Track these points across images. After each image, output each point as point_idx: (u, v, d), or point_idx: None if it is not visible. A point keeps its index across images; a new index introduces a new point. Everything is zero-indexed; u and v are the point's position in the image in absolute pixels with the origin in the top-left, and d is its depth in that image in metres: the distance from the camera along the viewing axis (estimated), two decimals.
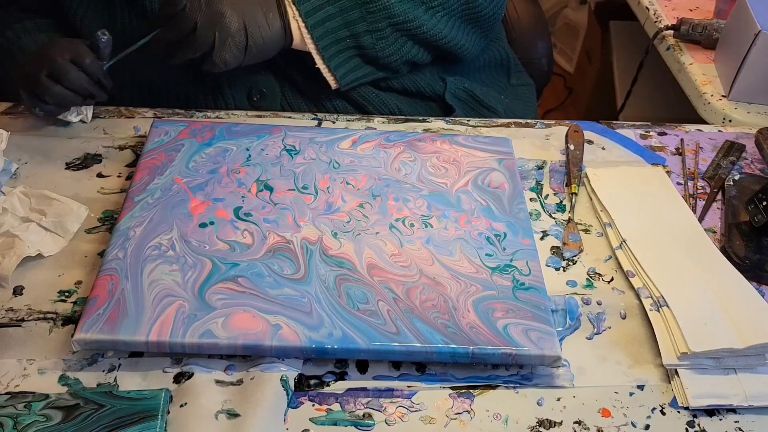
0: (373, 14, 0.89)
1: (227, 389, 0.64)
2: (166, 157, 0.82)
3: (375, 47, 0.90)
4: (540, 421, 0.64)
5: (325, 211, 0.78)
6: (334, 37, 0.89)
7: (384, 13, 0.89)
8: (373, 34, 0.90)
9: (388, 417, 0.64)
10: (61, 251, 0.76)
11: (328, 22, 0.87)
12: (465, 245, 0.75)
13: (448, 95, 1.00)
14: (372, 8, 0.88)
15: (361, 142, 0.87)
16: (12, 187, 0.80)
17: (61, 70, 0.83)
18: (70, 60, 0.84)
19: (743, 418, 0.66)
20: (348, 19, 0.88)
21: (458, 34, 0.96)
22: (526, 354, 0.65)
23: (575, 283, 0.76)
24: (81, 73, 0.84)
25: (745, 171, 0.93)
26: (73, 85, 0.84)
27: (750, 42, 1.07)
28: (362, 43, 0.90)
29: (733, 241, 0.81)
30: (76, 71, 0.84)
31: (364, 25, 0.89)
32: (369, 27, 0.89)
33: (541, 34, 1.28)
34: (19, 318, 0.69)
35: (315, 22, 0.87)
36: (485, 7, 0.96)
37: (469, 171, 0.84)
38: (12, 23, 0.93)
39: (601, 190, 0.86)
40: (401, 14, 0.90)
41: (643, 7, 1.40)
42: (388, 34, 0.90)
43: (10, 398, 0.62)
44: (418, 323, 0.67)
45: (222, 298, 0.68)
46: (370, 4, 0.88)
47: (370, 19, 0.89)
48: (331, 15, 0.88)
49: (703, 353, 0.67)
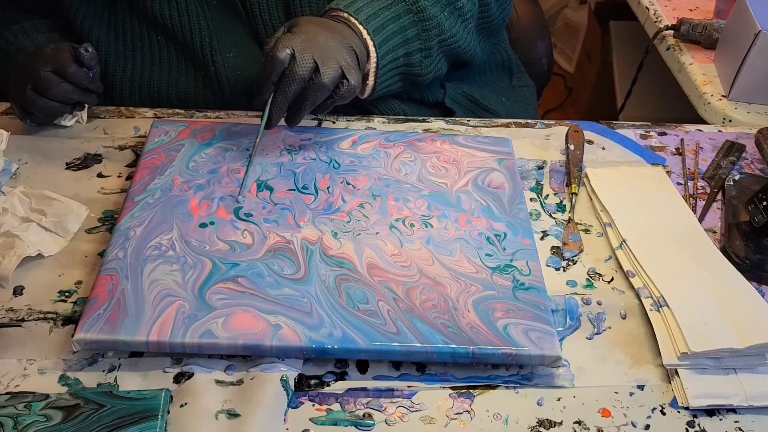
0: (427, 32, 0.88)
1: (227, 389, 0.64)
2: (166, 157, 0.82)
3: (421, 65, 0.90)
4: (540, 421, 0.64)
5: (325, 211, 0.78)
6: (393, 56, 0.87)
7: (436, 31, 0.88)
8: (423, 52, 0.89)
9: (388, 417, 0.64)
10: (61, 251, 0.76)
11: (390, 41, 0.86)
12: (465, 245, 0.75)
13: (447, 100, 1.00)
14: (428, 26, 0.87)
15: (361, 142, 0.87)
16: (12, 187, 0.80)
17: (45, 83, 0.82)
18: (54, 71, 0.83)
19: (743, 418, 0.66)
20: (406, 37, 0.87)
21: (474, 42, 0.96)
22: (526, 354, 0.65)
23: (575, 283, 0.76)
24: (65, 84, 0.83)
25: (745, 171, 0.93)
26: (58, 96, 0.84)
27: (750, 42, 1.07)
28: (412, 61, 0.89)
29: (733, 241, 0.81)
30: (59, 83, 0.83)
31: (419, 43, 0.88)
32: (422, 45, 0.88)
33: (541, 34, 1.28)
34: (19, 318, 0.69)
35: (381, 41, 0.85)
36: (496, 15, 0.96)
37: (469, 171, 0.84)
38: (10, 24, 0.93)
39: (601, 190, 0.86)
40: (448, 30, 0.89)
41: (643, 7, 1.40)
42: (434, 52, 0.90)
43: (10, 398, 0.62)
44: (418, 323, 0.67)
45: (222, 298, 0.68)
46: (426, 22, 0.87)
47: (424, 36, 0.88)
48: (393, 33, 0.86)
49: (703, 353, 0.67)
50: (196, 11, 0.90)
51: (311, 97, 0.78)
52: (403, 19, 0.86)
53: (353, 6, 0.84)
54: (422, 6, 0.87)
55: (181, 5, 0.90)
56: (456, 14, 0.90)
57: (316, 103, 0.79)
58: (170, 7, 0.90)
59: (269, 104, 0.78)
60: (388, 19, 0.85)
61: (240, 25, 0.92)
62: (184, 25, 0.90)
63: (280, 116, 0.79)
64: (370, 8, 0.85)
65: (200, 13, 0.91)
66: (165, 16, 0.90)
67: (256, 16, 0.91)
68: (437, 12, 0.88)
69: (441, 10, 0.89)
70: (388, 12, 0.86)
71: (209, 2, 0.91)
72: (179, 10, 0.90)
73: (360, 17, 0.84)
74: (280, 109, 0.79)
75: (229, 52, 0.92)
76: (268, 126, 0.79)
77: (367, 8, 0.85)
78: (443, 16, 0.89)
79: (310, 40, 0.77)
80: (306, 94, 0.78)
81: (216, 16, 0.91)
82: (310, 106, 0.79)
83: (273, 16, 0.91)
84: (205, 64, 0.92)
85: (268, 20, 0.91)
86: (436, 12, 0.88)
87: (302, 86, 0.77)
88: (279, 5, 0.91)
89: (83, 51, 0.84)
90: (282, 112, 0.79)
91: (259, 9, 0.91)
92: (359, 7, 0.84)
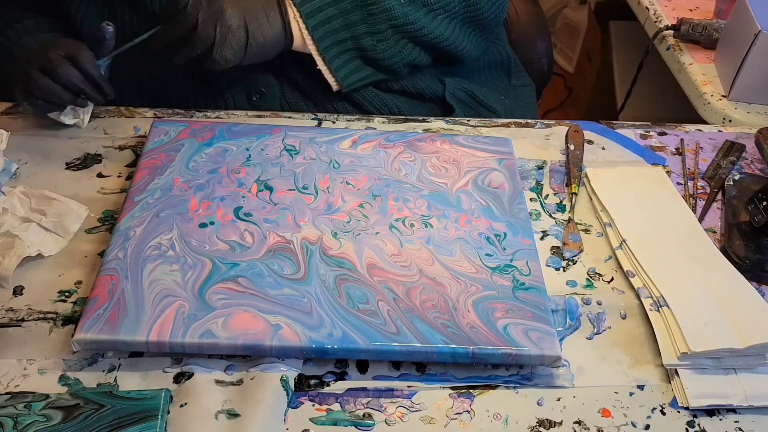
0: (374, 16, 0.88)
1: (227, 389, 0.64)
2: (166, 157, 0.82)
3: (376, 49, 0.90)
4: (540, 421, 0.64)
5: (325, 211, 0.78)
6: (334, 39, 0.88)
7: (385, 15, 0.89)
8: (374, 36, 0.89)
9: (388, 417, 0.64)
10: (61, 251, 0.76)
11: (328, 24, 0.87)
12: (465, 245, 0.75)
13: (447, 95, 1.00)
14: (373, 10, 0.88)
15: (361, 142, 0.87)
16: (12, 187, 0.80)
17: (53, 63, 0.82)
18: (65, 56, 0.83)
19: (743, 418, 0.66)
20: (349, 20, 0.88)
21: (459, 36, 0.96)
22: (526, 354, 0.65)
23: (575, 283, 0.76)
24: (73, 69, 0.83)
25: (745, 171, 0.93)
26: (62, 79, 0.83)
27: (750, 42, 1.07)
28: (363, 45, 0.90)
29: (733, 241, 0.81)
30: (67, 66, 0.83)
31: (365, 27, 0.89)
32: (370, 29, 0.89)
33: (541, 34, 1.28)
34: (19, 318, 0.69)
35: (316, 24, 0.87)
36: (486, 9, 0.96)
37: (469, 171, 0.84)
38: (13, 23, 0.93)
39: (601, 190, 0.86)
40: (402, 17, 0.90)
41: (643, 7, 1.40)
42: (389, 36, 0.90)
43: (10, 398, 0.62)
44: (418, 323, 0.67)
45: (222, 298, 0.68)
46: (371, 6, 0.88)
47: (371, 21, 0.89)
48: (332, 17, 0.88)
49: (703, 353, 0.67)
50: None
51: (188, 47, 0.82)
52: (344, 2, 0.88)
53: None
54: None
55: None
56: (417, 3, 0.90)
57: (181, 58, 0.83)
58: None
59: (153, 31, 0.83)
60: (327, 2, 0.87)
61: None
62: None
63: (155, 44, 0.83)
64: None
65: None
66: None
67: None
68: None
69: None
70: None
71: None
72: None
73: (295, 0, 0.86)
74: (159, 41, 0.83)
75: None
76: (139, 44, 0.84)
77: None
78: (395, 2, 0.89)
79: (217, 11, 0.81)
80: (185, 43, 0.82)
81: None
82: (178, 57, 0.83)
83: None
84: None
85: None
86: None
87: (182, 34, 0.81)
88: None
89: (105, 25, 0.84)
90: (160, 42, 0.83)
91: None
92: None
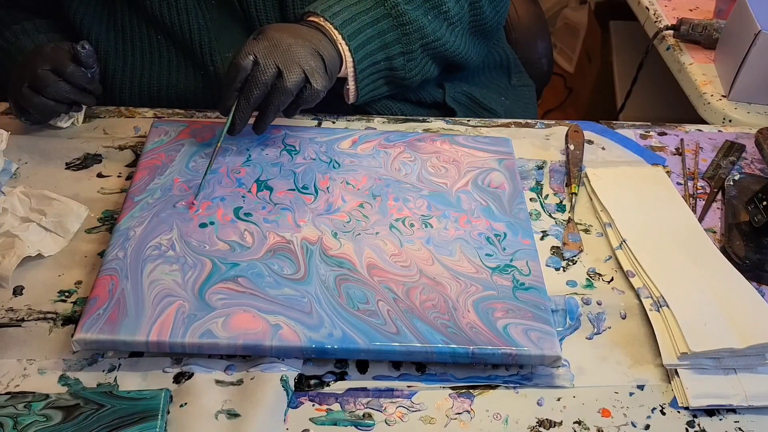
0: (408, 36, 0.88)
1: (227, 389, 0.64)
2: (166, 157, 0.82)
3: (405, 68, 0.90)
4: (540, 421, 0.64)
5: (325, 211, 0.78)
6: (372, 60, 0.87)
7: (418, 35, 0.88)
8: (405, 56, 0.89)
9: (388, 417, 0.64)
10: (61, 251, 0.76)
11: (367, 45, 0.86)
12: (465, 245, 0.75)
13: (448, 99, 1.00)
14: (408, 30, 0.87)
15: (361, 142, 0.87)
16: (12, 187, 0.80)
17: (41, 81, 0.82)
18: (52, 69, 0.83)
19: (743, 418, 0.66)
20: (385, 41, 0.87)
21: (468, 45, 0.96)
22: (526, 354, 0.65)
23: (575, 283, 0.76)
24: (62, 83, 0.83)
25: (745, 171, 0.93)
26: (53, 95, 0.84)
27: (750, 42, 1.07)
28: (394, 65, 0.89)
29: (733, 241, 0.81)
30: (56, 81, 0.83)
31: (399, 47, 0.88)
32: (404, 48, 0.88)
33: (541, 34, 1.28)
34: (19, 318, 0.69)
35: (357, 45, 0.85)
36: (490, 17, 0.96)
37: (469, 171, 0.84)
38: (10, 24, 0.93)
39: (601, 190, 0.86)
40: (432, 33, 0.89)
41: (643, 7, 1.40)
42: (417, 55, 0.90)
43: (10, 398, 0.62)
44: (418, 323, 0.67)
45: (222, 298, 0.68)
46: (407, 26, 0.87)
47: (404, 41, 0.88)
48: (371, 38, 0.86)
49: (703, 353, 0.67)
50: (195, 11, 0.90)
51: (275, 101, 0.79)
52: (381, 23, 0.87)
53: (330, 11, 0.85)
54: (402, 10, 0.87)
55: (180, 5, 0.90)
56: (441, 18, 0.90)
57: (281, 108, 0.80)
58: (169, 7, 0.90)
59: (233, 110, 0.79)
60: (366, 23, 0.86)
61: (238, 26, 0.92)
62: (183, 25, 0.90)
63: (244, 122, 0.80)
64: (347, 13, 0.85)
65: (199, 13, 0.91)
66: (164, 16, 0.90)
67: (253, 17, 0.91)
68: (418, 16, 0.88)
69: (423, 14, 0.89)
70: (366, 17, 0.86)
71: (208, 2, 0.91)
72: (178, 9, 0.90)
73: (336, 22, 0.84)
74: (244, 114, 0.80)
75: (227, 52, 0.92)
76: (231, 132, 0.80)
77: (343, 13, 0.85)
78: (426, 20, 0.89)
79: (273, 46, 0.78)
80: (270, 99, 0.79)
81: (214, 16, 0.91)
82: (275, 110, 0.80)
83: (269, 16, 0.91)
84: (204, 63, 0.92)
85: (265, 21, 0.91)
86: (418, 16, 0.88)
87: (265, 91, 0.78)
88: (275, 6, 0.91)
89: (80, 48, 0.84)
90: (246, 117, 0.80)
91: (256, 9, 0.91)
92: (335, 12, 0.84)
